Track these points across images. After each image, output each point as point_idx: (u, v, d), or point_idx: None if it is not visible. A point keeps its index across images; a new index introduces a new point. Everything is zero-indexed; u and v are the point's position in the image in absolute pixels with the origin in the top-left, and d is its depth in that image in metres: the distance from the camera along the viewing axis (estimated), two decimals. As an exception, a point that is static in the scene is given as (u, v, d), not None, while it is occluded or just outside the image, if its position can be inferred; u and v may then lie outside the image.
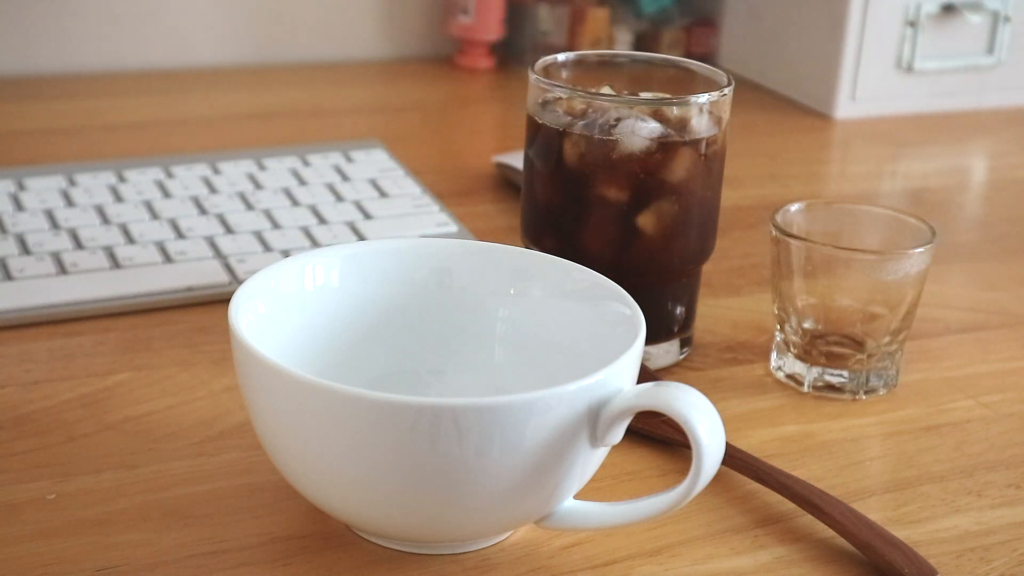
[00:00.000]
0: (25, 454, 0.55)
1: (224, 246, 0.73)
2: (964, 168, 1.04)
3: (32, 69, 1.06)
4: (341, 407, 0.44)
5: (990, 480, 0.56)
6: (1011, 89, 1.13)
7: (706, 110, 0.61)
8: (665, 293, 0.64)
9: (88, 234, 0.74)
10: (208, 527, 0.50)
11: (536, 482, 0.46)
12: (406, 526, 0.48)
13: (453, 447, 0.44)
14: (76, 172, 0.82)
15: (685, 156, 0.60)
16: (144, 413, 0.58)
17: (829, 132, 1.06)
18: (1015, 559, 0.51)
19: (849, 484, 0.56)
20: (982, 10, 1.08)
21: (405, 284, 0.56)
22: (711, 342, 0.68)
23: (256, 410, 0.48)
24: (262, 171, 0.85)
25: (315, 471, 0.47)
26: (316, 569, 0.48)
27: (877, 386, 0.63)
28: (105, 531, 0.50)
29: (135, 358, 0.63)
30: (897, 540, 0.50)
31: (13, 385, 0.60)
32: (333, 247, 0.57)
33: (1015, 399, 0.63)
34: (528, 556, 0.50)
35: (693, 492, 0.46)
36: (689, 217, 0.62)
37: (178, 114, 1.02)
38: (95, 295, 0.67)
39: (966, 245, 0.85)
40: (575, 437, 0.46)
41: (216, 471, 0.54)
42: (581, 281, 0.54)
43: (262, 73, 1.11)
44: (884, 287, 0.61)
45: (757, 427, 0.60)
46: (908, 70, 1.08)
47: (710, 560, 0.50)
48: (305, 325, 0.54)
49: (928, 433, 0.60)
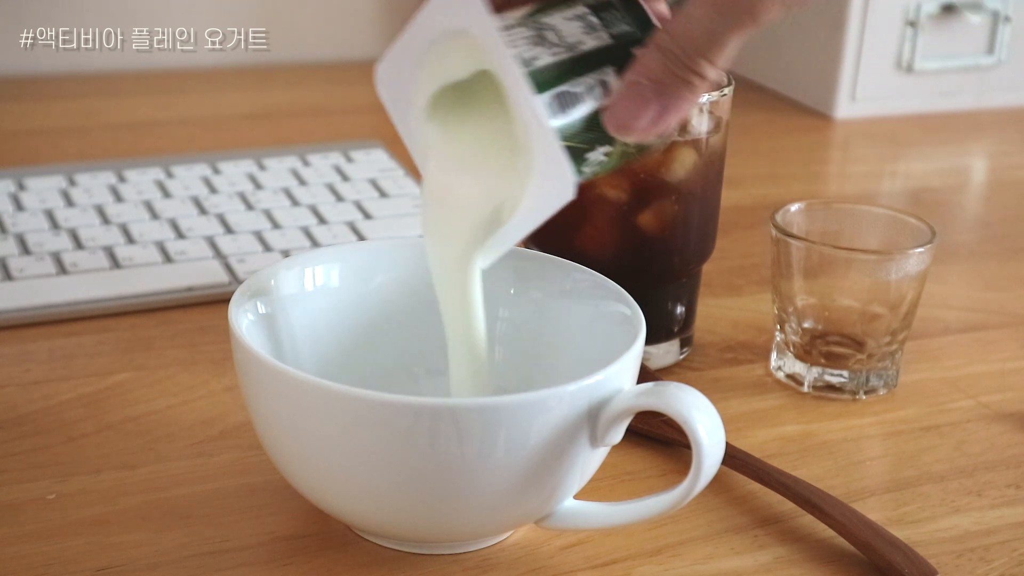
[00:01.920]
0: (25, 454, 0.55)
1: (224, 246, 0.73)
2: (964, 168, 1.04)
3: (32, 69, 1.06)
4: (341, 407, 0.44)
5: (990, 480, 0.56)
6: (1011, 89, 1.13)
7: (706, 110, 0.61)
8: (665, 293, 0.64)
9: (88, 234, 0.74)
10: (208, 527, 0.50)
11: (536, 482, 0.46)
12: (406, 526, 0.48)
13: (453, 447, 0.44)
14: (76, 172, 0.82)
15: (685, 156, 0.60)
16: (144, 413, 0.58)
17: (829, 132, 1.06)
18: (1015, 559, 0.51)
19: (849, 484, 0.56)
20: (982, 10, 1.08)
21: (405, 284, 0.56)
22: (711, 342, 0.68)
23: (256, 410, 0.48)
24: (262, 171, 0.85)
25: (315, 471, 0.47)
26: (316, 569, 0.48)
27: (877, 386, 0.63)
28: (105, 531, 0.50)
29: (135, 358, 0.63)
30: (897, 540, 0.50)
31: (13, 385, 0.60)
32: (333, 247, 0.57)
33: (1015, 399, 0.63)
34: (528, 556, 0.50)
35: (693, 492, 0.46)
36: (689, 217, 0.62)
37: (178, 114, 1.02)
38: (95, 295, 0.67)
39: (966, 245, 0.85)
40: (575, 437, 0.46)
41: (216, 471, 0.54)
42: (581, 281, 0.54)
43: (262, 73, 1.12)
44: (884, 287, 0.61)
45: (757, 427, 0.60)
46: (908, 70, 1.08)
47: (710, 560, 0.50)
48: (305, 325, 0.54)
49: (928, 433, 0.60)
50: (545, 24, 0.46)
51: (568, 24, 0.46)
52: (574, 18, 0.46)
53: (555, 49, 0.45)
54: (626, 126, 0.45)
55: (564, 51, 0.45)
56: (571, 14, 0.46)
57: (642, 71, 0.45)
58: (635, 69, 0.45)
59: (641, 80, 0.45)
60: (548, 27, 0.46)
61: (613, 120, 0.45)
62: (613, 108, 0.45)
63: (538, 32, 0.45)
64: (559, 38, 0.46)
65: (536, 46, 0.45)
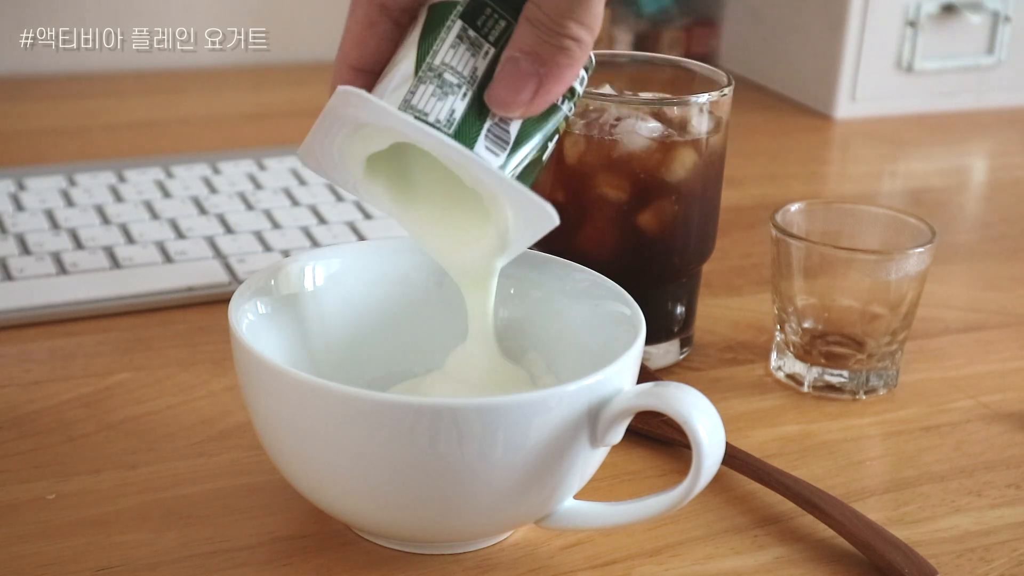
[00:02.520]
0: (25, 454, 0.55)
1: (224, 246, 0.73)
2: (964, 168, 1.04)
3: (32, 69, 1.06)
4: (341, 407, 0.44)
5: (990, 480, 0.56)
6: (1011, 89, 1.13)
7: (706, 110, 0.61)
8: (665, 293, 0.64)
9: (88, 234, 0.74)
10: (208, 527, 0.50)
11: (536, 482, 0.46)
12: (406, 526, 0.48)
13: (453, 447, 0.44)
14: (76, 172, 0.82)
15: (685, 156, 0.60)
16: (144, 413, 0.58)
17: (829, 132, 1.06)
18: (1015, 559, 0.51)
19: (849, 484, 0.56)
20: (982, 10, 1.08)
21: (405, 284, 0.56)
22: (711, 342, 0.68)
23: (256, 410, 0.48)
24: (262, 171, 0.85)
25: (315, 471, 0.47)
26: (316, 569, 0.48)
27: (877, 386, 0.63)
28: (105, 531, 0.50)
29: (135, 358, 0.63)
30: (897, 540, 0.50)
31: (13, 385, 0.60)
32: (333, 247, 0.57)
33: (1015, 399, 0.63)
34: (528, 556, 0.50)
35: (693, 492, 0.46)
36: (689, 217, 0.62)
37: (178, 114, 1.02)
38: (95, 295, 0.67)
39: (966, 245, 0.85)
40: (575, 437, 0.46)
41: (216, 471, 0.54)
42: (581, 281, 0.54)
43: (262, 73, 1.11)
44: (884, 287, 0.61)
45: (757, 427, 0.60)
46: (908, 70, 1.08)
47: (710, 560, 0.50)
48: (305, 325, 0.54)
49: (928, 433, 0.60)
50: (438, 67, 0.46)
51: (456, 53, 0.46)
52: (457, 42, 0.46)
53: (461, 90, 0.46)
54: (509, 102, 0.46)
55: (468, 86, 0.46)
56: (453, 38, 0.46)
57: (517, 46, 0.45)
58: (511, 45, 0.46)
59: (515, 54, 0.45)
60: (443, 68, 0.46)
61: (495, 99, 0.46)
62: (493, 88, 0.46)
63: (438, 80, 0.45)
64: (457, 75, 0.46)
65: (445, 96, 0.45)
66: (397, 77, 0.46)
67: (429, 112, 0.45)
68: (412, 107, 0.45)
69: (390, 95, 0.46)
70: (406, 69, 0.46)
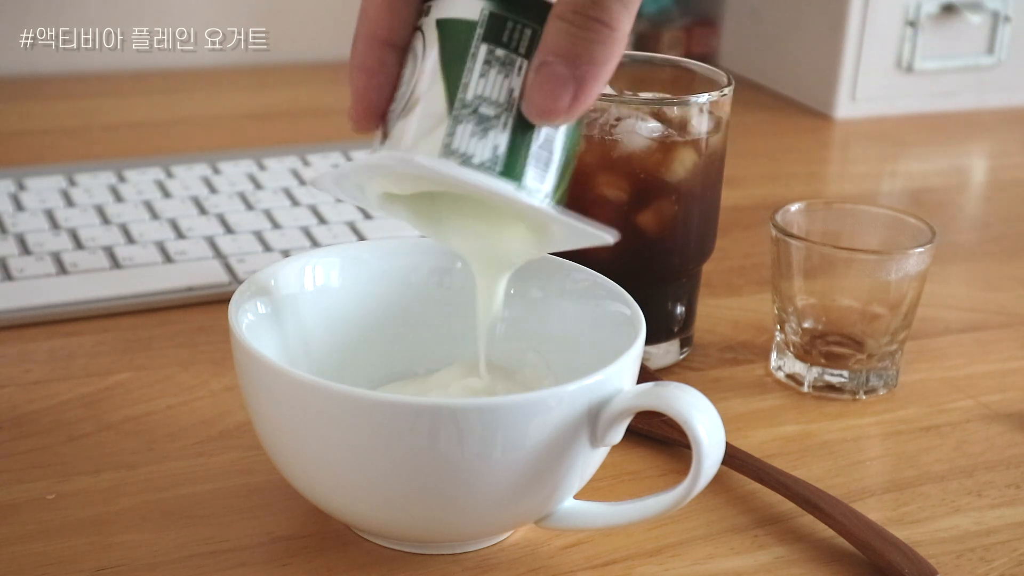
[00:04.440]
0: (25, 454, 0.55)
1: (224, 246, 0.73)
2: (964, 168, 1.04)
3: (32, 69, 1.06)
4: (341, 407, 0.44)
5: (990, 480, 0.56)
6: (1011, 89, 1.13)
7: (706, 110, 0.61)
8: (665, 293, 0.64)
9: (88, 234, 0.74)
10: (208, 527, 0.50)
11: (536, 482, 0.46)
12: (406, 526, 0.48)
13: (453, 447, 0.44)
14: (76, 172, 0.82)
15: (685, 156, 0.60)
16: (144, 413, 0.58)
17: (829, 132, 1.06)
18: (1015, 559, 0.51)
19: (849, 484, 0.56)
20: (982, 10, 1.08)
21: (405, 284, 0.56)
22: (711, 342, 0.68)
23: (256, 410, 0.48)
24: (262, 171, 0.85)
25: (315, 471, 0.47)
26: (316, 569, 0.48)
27: (877, 386, 0.63)
28: (105, 531, 0.50)
29: (135, 358, 0.63)
30: (897, 540, 0.50)
31: (13, 385, 0.60)
32: (333, 247, 0.57)
33: (1015, 399, 0.63)
34: (528, 556, 0.50)
35: (693, 492, 0.46)
36: (689, 217, 0.62)
37: (178, 114, 1.02)
38: (95, 295, 0.67)
39: (966, 245, 0.85)
40: (575, 437, 0.46)
41: (216, 471, 0.54)
42: (581, 281, 0.54)
43: (262, 73, 1.11)
44: (884, 287, 0.61)
45: (757, 427, 0.60)
46: (908, 70, 1.08)
47: (710, 560, 0.50)
48: (305, 325, 0.54)
49: (928, 433, 0.60)
50: (472, 102, 0.42)
51: (488, 81, 0.42)
52: (486, 68, 0.42)
53: (501, 120, 0.42)
54: (549, 110, 0.41)
55: (507, 112, 0.42)
56: (481, 66, 0.42)
57: (548, 49, 0.41)
58: (541, 50, 0.41)
59: (548, 58, 0.41)
60: (477, 102, 0.42)
61: (534, 110, 0.42)
62: (530, 98, 0.42)
63: (475, 117, 0.42)
64: (494, 105, 0.42)
65: (486, 133, 0.42)
66: (427, 117, 0.42)
67: (473, 154, 0.42)
68: (454, 152, 0.42)
69: (425, 141, 0.42)
70: (435, 107, 0.42)
